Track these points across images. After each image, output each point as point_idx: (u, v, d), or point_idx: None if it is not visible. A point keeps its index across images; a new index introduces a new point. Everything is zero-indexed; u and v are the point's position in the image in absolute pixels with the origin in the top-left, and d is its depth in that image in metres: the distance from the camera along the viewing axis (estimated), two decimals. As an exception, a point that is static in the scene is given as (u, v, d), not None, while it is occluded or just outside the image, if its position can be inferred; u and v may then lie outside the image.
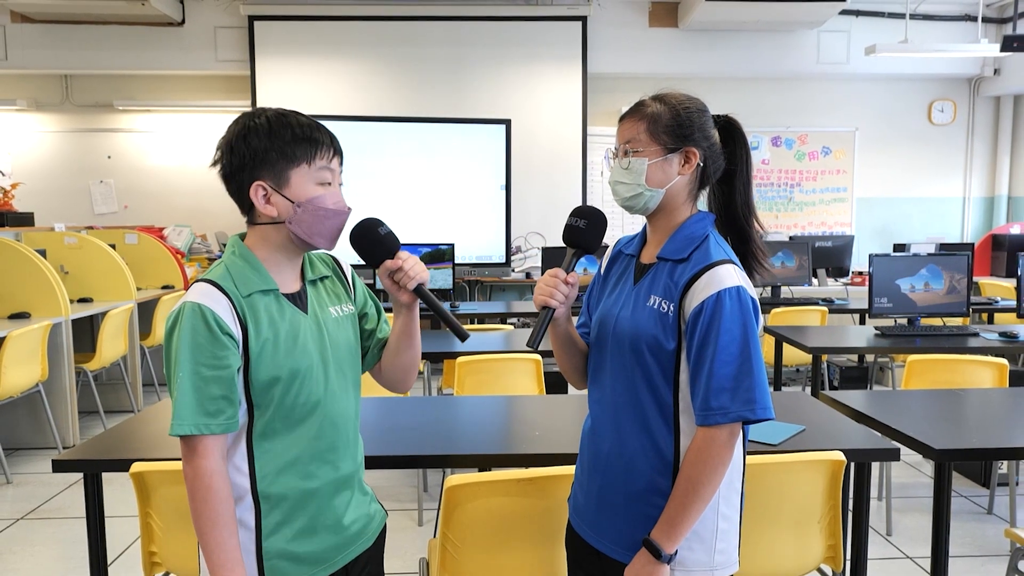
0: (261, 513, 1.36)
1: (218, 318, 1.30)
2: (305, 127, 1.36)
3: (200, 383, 1.29)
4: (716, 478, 1.34)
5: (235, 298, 1.33)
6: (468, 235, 6.73)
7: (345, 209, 1.40)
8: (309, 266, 1.48)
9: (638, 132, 1.41)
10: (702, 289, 1.35)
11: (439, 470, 3.89)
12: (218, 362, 1.29)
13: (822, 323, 4.96)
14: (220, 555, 1.29)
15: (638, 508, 1.43)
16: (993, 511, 3.60)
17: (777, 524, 1.92)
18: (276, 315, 1.37)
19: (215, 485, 1.29)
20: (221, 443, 1.31)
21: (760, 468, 1.85)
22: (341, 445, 1.44)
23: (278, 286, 1.39)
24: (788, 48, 7.21)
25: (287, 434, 1.37)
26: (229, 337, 1.30)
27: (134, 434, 2.23)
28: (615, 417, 1.46)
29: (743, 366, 1.32)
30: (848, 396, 2.60)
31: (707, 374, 1.33)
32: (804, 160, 7.56)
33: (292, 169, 1.34)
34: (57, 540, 3.38)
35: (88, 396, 5.09)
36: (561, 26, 7.02)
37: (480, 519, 1.78)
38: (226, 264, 1.38)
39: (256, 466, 1.36)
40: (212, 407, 1.29)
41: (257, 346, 1.33)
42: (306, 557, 1.39)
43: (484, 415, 2.43)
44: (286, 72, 6.99)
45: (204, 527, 1.29)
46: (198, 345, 1.29)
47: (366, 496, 1.53)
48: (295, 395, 1.36)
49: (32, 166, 7.39)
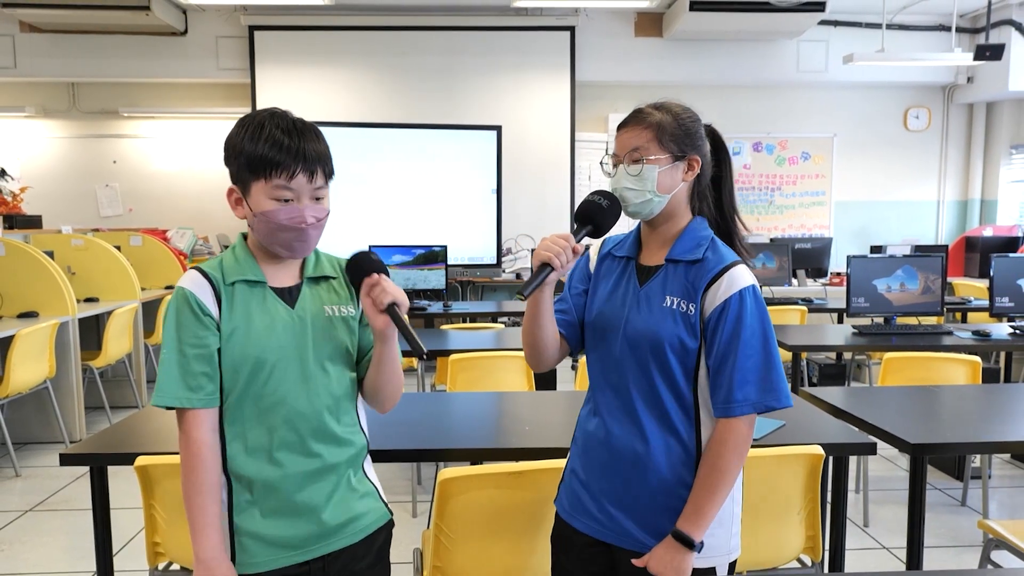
0: (232, 491, 1.40)
1: (200, 301, 1.36)
2: (272, 144, 1.34)
3: (183, 360, 1.35)
4: (740, 466, 1.40)
5: (217, 284, 1.39)
6: (460, 237, 6.84)
7: (301, 223, 1.37)
8: (313, 264, 1.48)
9: (646, 140, 1.42)
10: (724, 289, 1.39)
11: (432, 464, 3.83)
12: (199, 341, 1.36)
13: (801, 322, 4.97)
14: (200, 519, 1.34)
15: (662, 501, 1.44)
16: (966, 503, 3.62)
17: (758, 516, 1.92)
18: (255, 305, 1.40)
19: (201, 454, 1.35)
20: (209, 416, 1.37)
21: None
22: (316, 439, 1.41)
23: (267, 279, 1.42)
24: (769, 57, 7.32)
25: (255, 420, 1.39)
26: (210, 318, 1.37)
27: (138, 429, 2.22)
28: (634, 418, 1.45)
29: (767, 359, 1.39)
30: (827, 392, 2.60)
31: (732, 368, 1.37)
32: (784, 165, 7.66)
33: (253, 181, 1.36)
34: (64, 531, 3.40)
35: (94, 392, 5.13)
36: (550, 36, 7.16)
37: (472, 511, 1.78)
38: (222, 256, 1.45)
39: (227, 445, 1.39)
40: (193, 383, 1.35)
41: (228, 330, 1.37)
42: (274, 540, 1.40)
43: (476, 411, 2.40)
44: (285, 80, 7.11)
45: (188, 492, 1.35)
46: (182, 325, 1.36)
47: (355, 493, 1.48)
48: (263, 384, 1.38)
49: (40, 171, 7.45)
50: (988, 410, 2.45)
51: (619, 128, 1.48)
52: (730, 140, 7.65)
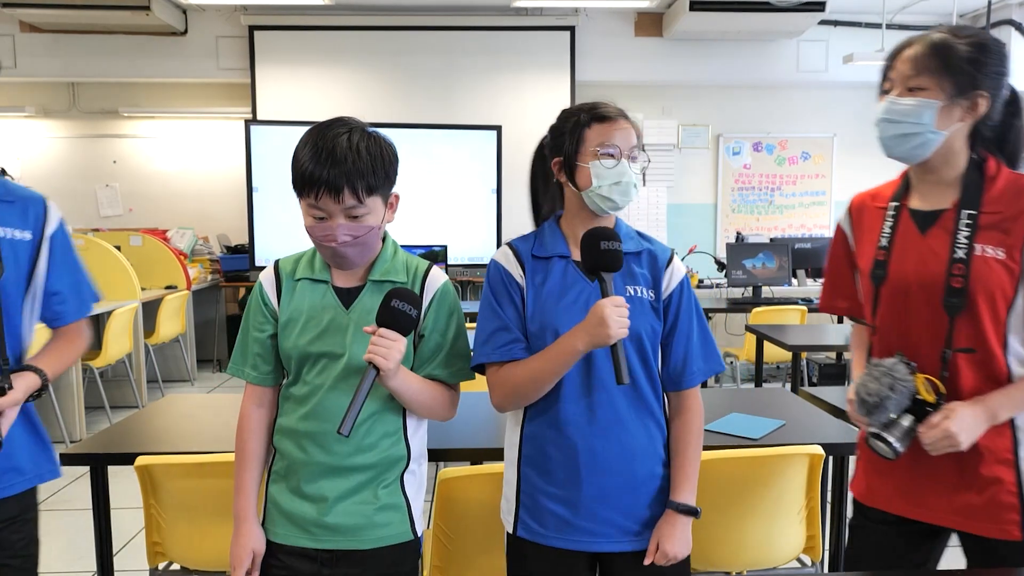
0: (274, 460, 1.54)
1: (264, 292, 1.54)
2: (301, 165, 1.38)
3: (247, 340, 1.55)
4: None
5: (283, 277, 1.54)
6: (461, 237, 6.86)
7: (331, 243, 1.40)
8: (380, 267, 1.50)
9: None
10: (674, 273, 1.53)
11: (432, 464, 3.85)
12: (259, 327, 1.53)
13: (801, 322, 5.01)
14: (236, 480, 1.52)
15: (644, 490, 1.49)
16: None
17: (758, 516, 1.94)
18: (312, 302, 1.49)
19: (243, 425, 1.54)
20: (258, 392, 1.55)
21: (742, 461, 1.87)
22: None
23: (331, 279, 1.51)
24: (769, 57, 7.33)
25: (296, 405, 1.49)
26: (267, 307, 1.53)
27: (138, 429, 2.25)
28: (618, 413, 1.47)
29: (705, 333, 1.55)
30: (827, 392, 2.62)
31: (685, 344, 1.51)
32: (784, 165, 7.67)
33: (298, 195, 1.44)
34: (64, 531, 3.42)
35: (94, 392, 5.16)
36: (550, 36, 7.17)
37: (472, 510, 1.79)
38: (306, 253, 1.56)
39: (278, 418, 1.55)
40: (251, 361, 1.53)
41: (283, 321, 1.51)
42: (289, 516, 1.48)
43: (476, 411, 2.40)
44: (285, 80, 7.13)
45: (235, 455, 1.54)
46: (252, 310, 1.55)
47: (377, 501, 1.47)
48: (306, 375, 1.48)
49: (40, 171, 7.47)
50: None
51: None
52: (730, 140, 7.74)
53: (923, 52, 1.43)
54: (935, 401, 1.41)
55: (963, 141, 1.48)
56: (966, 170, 1.48)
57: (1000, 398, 1.42)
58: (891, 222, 1.55)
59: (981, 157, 1.48)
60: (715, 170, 7.66)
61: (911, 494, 1.53)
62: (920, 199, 1.54)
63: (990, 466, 1.45)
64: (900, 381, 1.40)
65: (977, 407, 1.40)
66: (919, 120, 1.43)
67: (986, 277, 1.41)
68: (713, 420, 2.30)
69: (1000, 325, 1.43)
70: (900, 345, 1.48)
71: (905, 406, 1.42)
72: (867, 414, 1.43)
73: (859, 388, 1.44)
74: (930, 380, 1.43)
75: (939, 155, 1.47)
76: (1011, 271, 1.41)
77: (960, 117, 1.44)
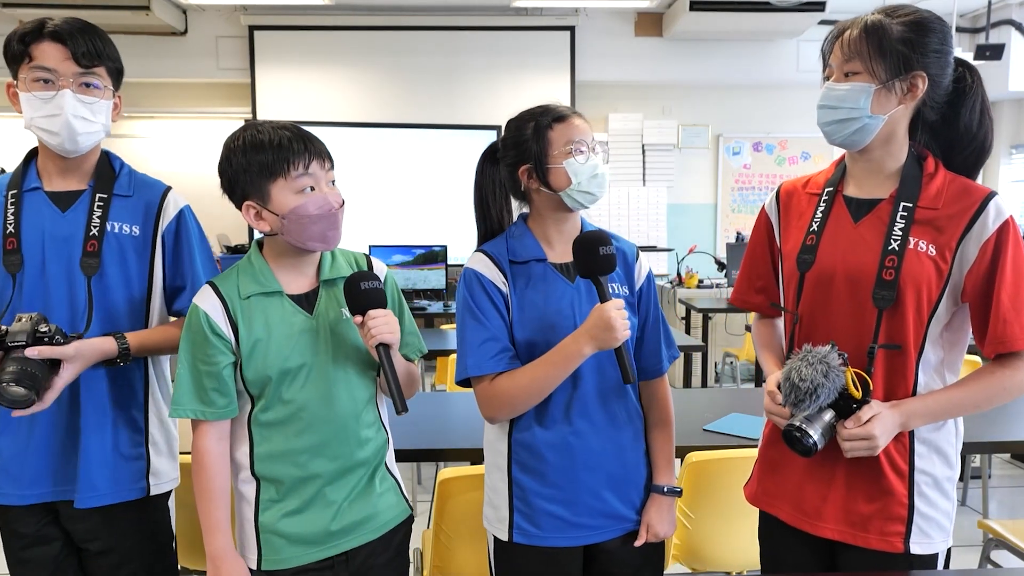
0: (260, 489, 1.47)
1: (210, 320, 1.42)
2: (276, 141, 1.38)
3: (196, 375, 1.42)
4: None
5: (229, 300, 1.43)
6: (460, 237, 6.79)
7: (330, 210, 1.41)
8: (329, 266, 1.51)
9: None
10: (642, 268, 1.61)
11: (432, 464, 3.86)
12: (208, 359, 1.42)
13: None
14: (205, 520, 1.43)
15: (633, 479, 1.55)
16: (966, 503, 3.64)
17: (756, 515, 1.92)
18: (274, 316, 1.44)
19: (206, 463, 1.43)
20: (217, 428, 1.43)
21: (741, 462, 1.88)
22: (339, 441, 1.45)
23: (283, 288, 1.46)
24: (769, 57, 7.33)
25: (282, 426, 1.44)
26: (219, 337, 1.41)
27: None
28: (607, 409, 1.51)
29: (665, 320, 1.64)
30: None
31: (653, 332, 1.60)
32: (784, 165, 7.67)
33: (271, 184, 1.39)
34: None
35: None
36: (550, 36, 7.17)
37: (472, 511, 1.78)
38: (239, 267, 1.49)
39: (255, 448, 1.46)
40: (205, 397, 1.42)
41: (248, 346, 1.41)
42: (298, 537, 1.45)
43: (476, 411, 2.35)
44: (285, 80, 7.13)
45: (198, 496, 1.44)
46: (194, 342, 1.43)
47: (376, 489, 1.51)
48: (287, 392, 1.43)
49: None
50: (989, 410, 2.44)
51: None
52: (730, 140, 7.75)
53: (856, 36, 1.39)
54: (860, 398, 1.35)
55: (905, 127, 1.45)
56: (906, 161, 1.45)
57: (917, 405, 1.38)
58: (824, 207, 1.50)
59: (921, 153, 1.46)
60: (715, 170, 7.66)
61: (802, 502, 1.49)
62: (856, 187, 1.50)
63: (884, 476, 1.40)
64: (834, 370, 1.34)
65: (896, 412, 1.36)
66: (855, 105, 1.39)
67: (917, 272, 1.37)
68: (713, 420, 2.30)
69: (921, 326, 1.39)
70: (823, 337, 1.42)
71: (832, 399, 1.35)
72: (795, 403, 1.35)
73: (791, 373, 1.36)
74: (859, 375, 1.37)
75: (879, 141, 1.43)
76: (940, 271, 1.38)
77: (899, 100, 1.40)
